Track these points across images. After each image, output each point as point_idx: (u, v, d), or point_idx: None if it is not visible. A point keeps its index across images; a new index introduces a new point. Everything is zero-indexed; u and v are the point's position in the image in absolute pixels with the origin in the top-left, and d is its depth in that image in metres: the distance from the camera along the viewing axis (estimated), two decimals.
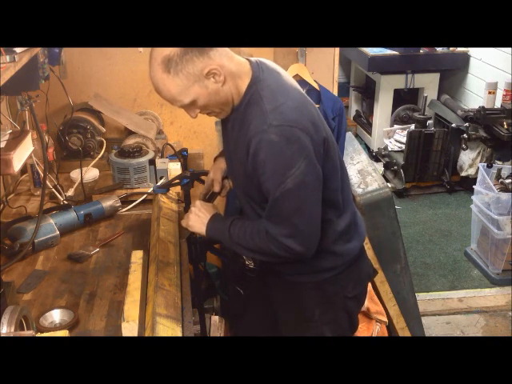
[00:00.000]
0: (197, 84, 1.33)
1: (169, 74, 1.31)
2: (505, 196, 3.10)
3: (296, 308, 1.63)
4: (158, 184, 2.03)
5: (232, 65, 1.36)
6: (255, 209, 1.53)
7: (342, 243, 1.55)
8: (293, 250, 1.41)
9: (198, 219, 1.59)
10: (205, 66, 1.31)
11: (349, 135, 2.73)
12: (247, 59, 1.43)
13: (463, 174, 4.19)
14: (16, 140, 1.64)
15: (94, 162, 2.24)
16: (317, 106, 1.51)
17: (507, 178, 3.27)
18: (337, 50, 2.62)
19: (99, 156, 2.28)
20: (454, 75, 4.76)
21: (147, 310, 1.39)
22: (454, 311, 3.02)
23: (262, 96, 1.37)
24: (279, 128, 1.33)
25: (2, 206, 1.95)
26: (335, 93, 2.67)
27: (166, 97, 1.38)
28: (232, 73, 1.36)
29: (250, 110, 1.39)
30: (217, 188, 1.72)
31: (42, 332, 1.37)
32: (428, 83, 4.68)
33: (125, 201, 2.02)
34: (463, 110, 4.15)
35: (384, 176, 4.30)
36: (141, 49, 2.45)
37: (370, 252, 2.19)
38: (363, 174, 2.44)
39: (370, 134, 4.98)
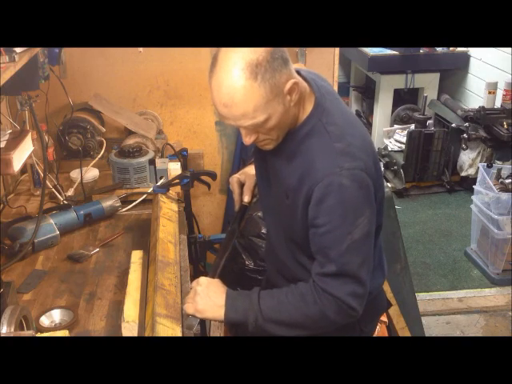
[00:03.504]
0: (276, 99, 1.15)
1: (255, 82, 1.11)
2: (505, 196, 3.09)
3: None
4: (158, 184, 2.03)
5: (302, 85, 1.20)
6: (295, 253, 1.34)
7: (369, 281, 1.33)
8: (354, 312, 1.23)
9: (210, 301, 1.29)
10: (288, 78, 1.15)
11: None
12: (298, 73, 1.25)
13: (463, 173, 4.19)
14: (16, 140, 1.64)
15: (93, 161, 2.24)
16: None
17: (507, 178, 3.27)
18: (337, 50, 2.63)
19: (99, 156, 2.28)
20: (454, 75, 4.76)
21: (147, 309, 1.39)
22: (454, 311, 3.02)
23: (328, 131, 1.22)
24: (351, 172, 1.18)
25: (2, 205, 1.95)
26: None
27: (240, 111, 1.14)
28: (301, 93, 1.20)
29: (311, 144, 1.23)
30: (248, 198, 1.51)
31: (41, 332, 1.37)
32: (428, 83, 4.68)
33: (125, 201, 2.02)
34: (463, 109, 4.15)
35: (384, 176, 4.30)
36: (141, 49, 2.45)
37: None
38: None
39: (370, 133, 4.98)
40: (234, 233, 1.51)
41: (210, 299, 1.29)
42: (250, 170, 1.55)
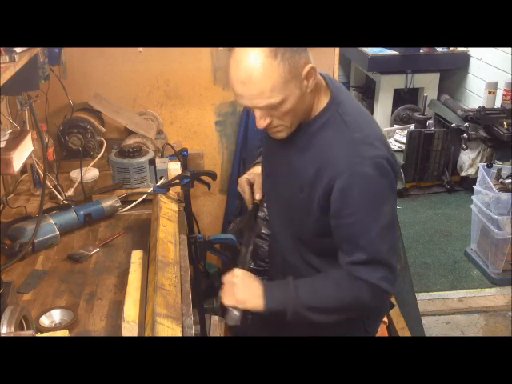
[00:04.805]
0: (294, 81, 1.15)
1: (274, 60, 1.11)
2: (505, 196, 3.10)
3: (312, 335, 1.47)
4: (158, 184, 2.03)
5: (318, 74, 1.21)
6: (303, 252, 1.35)
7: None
8: (387, 294, 1.28)
9: (249, 291, 1.30)
10: (306, 62, 1.16)
11: None
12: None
13: (463, 173, 4.20)
14: (16, 140, 1.64)
15: (93, 161, 2.24)
16: None
17: (507, 178, 3.27)
18: (337, 50, 2.62)
19: (99, 156, 2.28)
20: (454, 75, 4.76)
21: (147, 309, 1.39)
22: (454, 311, 3.03)
23: (346, 121, 1.23)
24: (373, 161, 1.19)
25: (1, 205, 1.95)
26: None
27: (257, 89, 1.14)
28: (317, 84, 1.21)
29: (328, 135, 1.23)
30: (259, 195, 1.50)
31: (41, 332, 1.37)
32: (428, 83, 4.68)
33: (125, 201, 2.02)
34: (463, 109, 4.15)
35: None
36: (141, 49, 2.45)
37: None
38: None
39: None
40: (254, 229, 1.52)
41: (249, 289, 1.29)
42: (257, 169, 1.55)
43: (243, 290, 1.30)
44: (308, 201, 1.26)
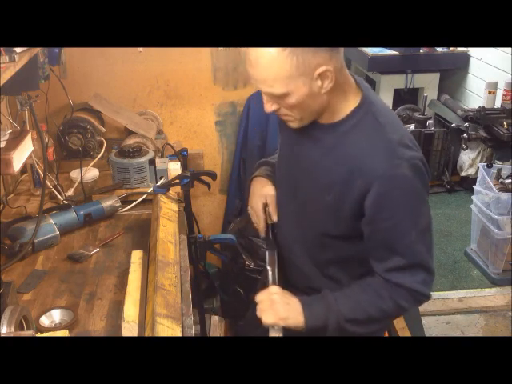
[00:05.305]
0: (302, 79, 1.13)
1: (283, 52, 1.10)
2: (505, 196, 3.09)
3: None
4: (158, 184, 2.03)
5: (341, 75, 1.19)
6: (319, 262, 1.32)
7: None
8: (426, 298, 1.26)
9: (290, 308, 1.27)
10: (322, 63, 1.13)
11: None
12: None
13: (463, 173, 4.19)
14: (16, 140, 1.64)
15: (93, 161, 2.24)
16: None
17: (507, 178, 3.27)
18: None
19: (99, 156, 2.28)
20: (454, 75, 4.76)
21: (147, 309, 1.39)
22: (454, 311, 3.02)
23: (380, 122, 1.20)
24: (411, 162, 1.17)
25: (1, 205, 1.95)
26: None
27: (261, 76, 1.15)
28: (338, 84, 1.19)
29: (361, 135, 1.20)
30: (275, 217, 1.45)
31: (41, 332, 1.37)
32: (428, 83, 4.68)
33: (125, 201, 2.02)
34: (463, 109, 4.14)
35: None
36: (141, 49, 2.45)
37: None
38: None
39: None
40: (275, 247, 1.47)
41: (290, 306, 1.26)
42: (265, 189, 1.49)
43: (285, 307, 1.26)
44: (337, 203, 1.23)
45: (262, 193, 1.49)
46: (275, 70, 1.12)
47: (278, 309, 1.26)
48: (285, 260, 1.47)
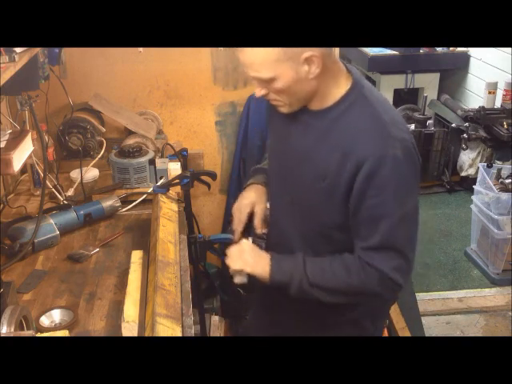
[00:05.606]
0: (289, 63, 1.14)
1: None
2: (505, 196, 3.09)
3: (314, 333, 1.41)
4: (158, 184, 2.03)
5: (329, 61, 1.19)
6: (315, 254, 1.30)
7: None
8: (397, 287, 1.24)
9: (259, 259, 1.31)
10: (308, 48, 1.14)
11: None
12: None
13: (463, 173, 4.19)
14: (16, 140, 1.64)
15: (93, 161, 2.24)
16: None
17: (507, 178, 3.27)
18: (337, 50, 2.62)
19: (99, 156, 2.28)
20: (454, 75, 4.76)
21: (147, 309, 1.39)
22: (454, 311, 3.02)
23: (372, 103, 1.21)
24: (403, 144, 1.17)
25: (2, 205, 1.95)
26: None
27: (249, 60, 1.17)
28: (327, 69, 1.19)
29: (353, 118, 1.20)
30: (260, 229, 1.45)
31: (41, 332, 1.37)
32: (428, 83, 4.68)
33: (125, 201, 2.02)
34: (463, 109, 4.15)
35: None
36: (141, 49, 2.45)
37: None
38: None
39: None
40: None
41: (258, 255, 1.30)
42: (259, 199, 1.48)
43: (252, 255, 1.30)
44: (332, 189, 1.22)
45: (254, 201, 1.48)
46: (262, 54, 1.14)
47: (247, 257, 1.31)
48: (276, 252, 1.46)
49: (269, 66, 1.15)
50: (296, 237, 1.37)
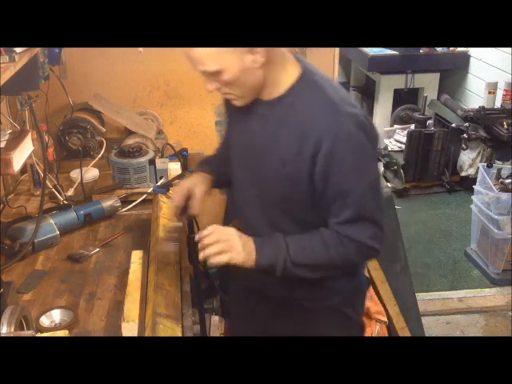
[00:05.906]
0: (234, 54, 1.17)
1: None
2: (505, 196, 3.09)
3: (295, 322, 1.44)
4: (158, 184, 2.03)
5: (274, 49, 1.21)
6: (288, 221, 1.32)
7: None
8: (375, 252, 1.30)
9: (244, 246, 1.28)
10: None
11: None
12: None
13: (463, 173, 4.19)
14: (16, 140, 1.65)
15: (93, 161, 2.24)
16: None
17: (507, 178, 3.27)
18: (337, 50, 2.62)
19: (99, 156, 2.28)
20: (454, 75, 4.76)
21: (147, 309, 1.39)
22: (454, 311, 3.02)
23: (323, 86, 1.24)
24: (355, 118, 1.21)
25: (1, 205, 1.95)
26: None
27: (198, 54, 1.19)
28: (273, 57, 1.21)
29: (305, 102, 1.23)
30: (194, 212, 1.48)
31: (41, 332, 1.37)
32: (428, 83, 4.68)
33: (125, 201, 2.02)
34: (463, 109, 4.15)
35: (384, 176, 4.31)
36: (141, 49, 2.45)
37: None
38: None
39: None
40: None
41: (246, 240, 1.28)
42: (200, 184, 1.53)
43: (237, 245, 1.27)
44: (296, 173, 1.25)
45: (194, 183, 1.52)
46: (207, 48, 1.16)
47: (233, 246, 1.27)
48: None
49: (214, 58, 1.17)
50: (264, 226, 1.37)
